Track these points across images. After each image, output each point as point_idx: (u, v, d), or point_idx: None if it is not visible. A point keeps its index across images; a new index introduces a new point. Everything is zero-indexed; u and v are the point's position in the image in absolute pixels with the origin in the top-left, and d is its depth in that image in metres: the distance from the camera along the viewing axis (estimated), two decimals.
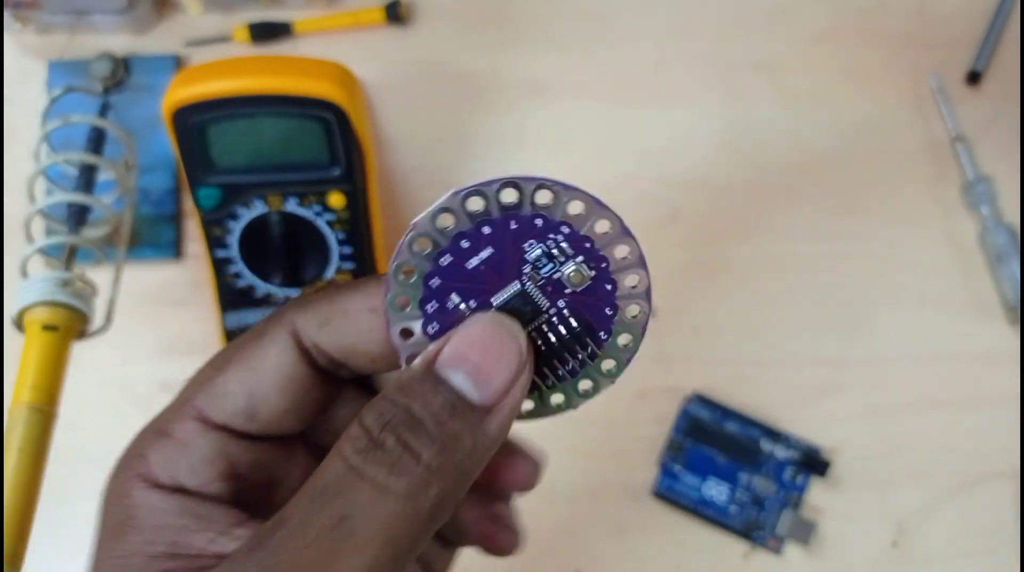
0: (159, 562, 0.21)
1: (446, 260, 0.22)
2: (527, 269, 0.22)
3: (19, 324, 0.40)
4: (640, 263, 0.22)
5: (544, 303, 0.22)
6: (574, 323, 0.22)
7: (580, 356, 0.22)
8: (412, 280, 0.22)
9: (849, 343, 0.49)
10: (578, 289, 0.22)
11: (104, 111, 0.46)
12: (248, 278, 0.46)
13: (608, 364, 0.22)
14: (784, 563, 0.46)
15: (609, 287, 0.22)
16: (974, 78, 0.52)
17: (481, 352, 0.20)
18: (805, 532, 0.46)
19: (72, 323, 0.40)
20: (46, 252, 0.42)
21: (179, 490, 0.21)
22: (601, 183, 0.53)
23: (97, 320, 0.42)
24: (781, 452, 0.47)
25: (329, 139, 0.43)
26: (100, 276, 0.43)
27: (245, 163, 0.44)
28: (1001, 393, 0.48)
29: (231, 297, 0.46)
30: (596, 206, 0.21)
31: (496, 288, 0.22)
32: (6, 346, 0.43)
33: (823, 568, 0.46)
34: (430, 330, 0.22)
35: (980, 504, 0.47)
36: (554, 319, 0.22)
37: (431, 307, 0.22)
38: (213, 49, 0.53)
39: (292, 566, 0.18)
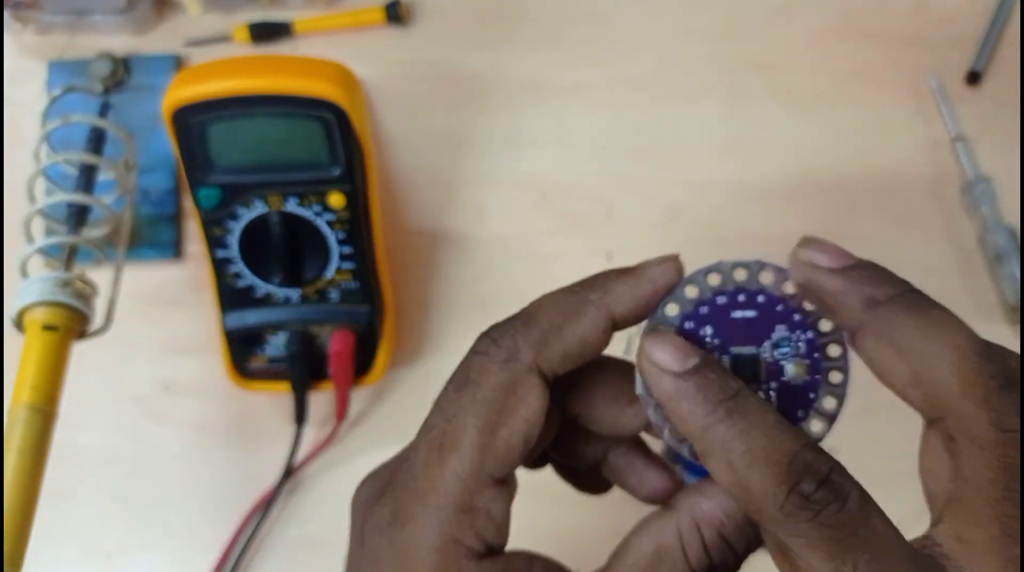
0: None
1: (716, 303, 0.25)
2: (767, 343, 0.25)
3: (19, 324, 0.40)
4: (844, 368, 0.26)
5: (763, 375, 0.25)
6: (774, 402, 0.25)
7: None
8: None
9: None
10: (792, 382, 0.25)
11: (104, 111, 0.46)
12: (248, 278, 0.46)
13: None
14: None
15: (818, 377, 0.26)
16: (974, 78, 0.52)
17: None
18: None
19: (72, 323, 0.40)
20: (46, 252, 0.42)
21: (487, 553, 0.24)
22: (601, 183, 0.53)
23: (97, 320, 0.42)
24: None
25: (329, 139, 0.43)
26: (100, 276, 0.43)
27: (245, 163, 0.44)
28: None
29: (231, 297, 0.46)
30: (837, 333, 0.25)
31: (739, 342, 0.25)
32: (6, 346, 0.44)
33: None
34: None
35: None
36: (761, 392, 0.25)
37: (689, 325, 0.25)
38: (213, 49, 0.53)
39: None
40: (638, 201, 0.51)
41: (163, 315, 0.50)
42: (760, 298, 0.25)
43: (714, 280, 0.25)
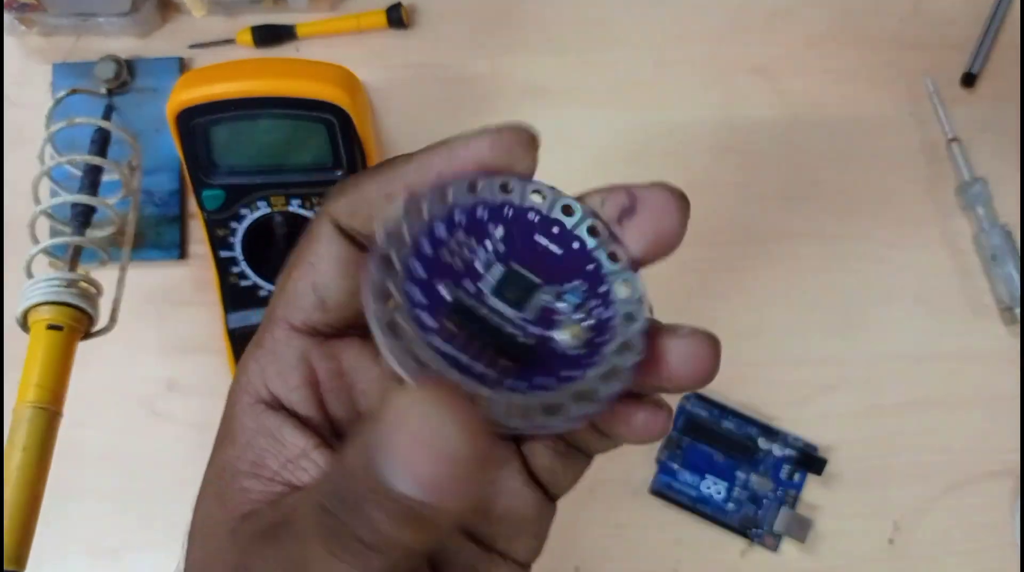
0: (241, 479, 0.22)
1: (525, 217, 0.21)
2: (553, 287, 0.21)
3: (24, 324, 0.40)
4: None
5: (531, 312, 0.21)
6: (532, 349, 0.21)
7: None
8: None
9: (845, 342, 0.49)
10: (557, 345, 0.21)
11: (108, 113, 0.46)
12: (252, 278, 0.46)
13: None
14: (781, 560, 0.47)
15: (589, 353, 0.21)
16: (969, 80, 0.52)
17: (428, 456, 0.17)
18: (802, 529, 0.46)
19: (77, 323, 0.40)
20: (51, 252, 0.43)
21: (272, 406, 0.23)
22: (601, 185, 0.54)
23: (102, 320, 0.42)
24: (778, 450, 0.47)
25: (332, 141, 0.43)
26: (105, 277, 0.43)
27: (249, 165, 0.44)
28: (996, 392, 0.48)
29: (235, 297, 0.46)
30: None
31: (524, 264, 0.21)
32: (12, 346, 0.44)
33: (820, 565, 0.47)
34: (414, 298, 0.20)
35: (974, 503, 0.47)
36: (516, 329, 0.21)
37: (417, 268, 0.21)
38: (217, 52, 0.53)
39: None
40: None
41: (167, 315, 0.50)
42: (575, 245, 0.22)
43: (536, 198, 0.21)
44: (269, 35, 0.53)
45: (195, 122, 0.42)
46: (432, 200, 0.21)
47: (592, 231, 0.22)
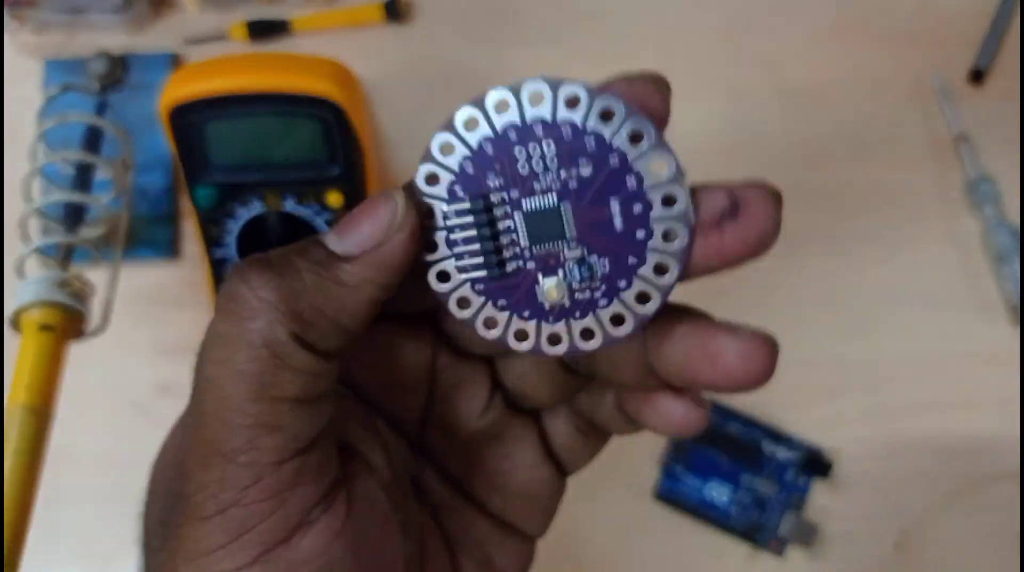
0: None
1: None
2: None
3: (16, 324, 0.40)
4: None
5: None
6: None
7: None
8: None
9: (851, 344, 0.49)
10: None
11: (101, 110, 0.45)
12: None
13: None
14: (786, 565, 0.46)
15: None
16: (977, 77, 0.52)
17: (354, 213, 0.20)
18: (808, 534, 0.45)
19: (69, 323, 0.40)
20: (42, 252, 0.42)
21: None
22: None
23: (94, 320, 0.41)
24: (783, 453, 0.46)
25: (327, 138, 0.43)
26: (97, 276, 0.42)
27: (243, 162, 0.43)
28: (1005, 394, 0.48)
29: None
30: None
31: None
32: (5, 347, 0.43)
33: (826, 570, 0.46)
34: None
35: (983, 506, 0.46)
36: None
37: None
38: (210, 47, 0.52)
39: None
40: None
41: (160, 315, 0.49)
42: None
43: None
44: (263, 30, 0.52)
45: (188, 119, 0.42)
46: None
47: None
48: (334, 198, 0.44)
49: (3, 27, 0.53)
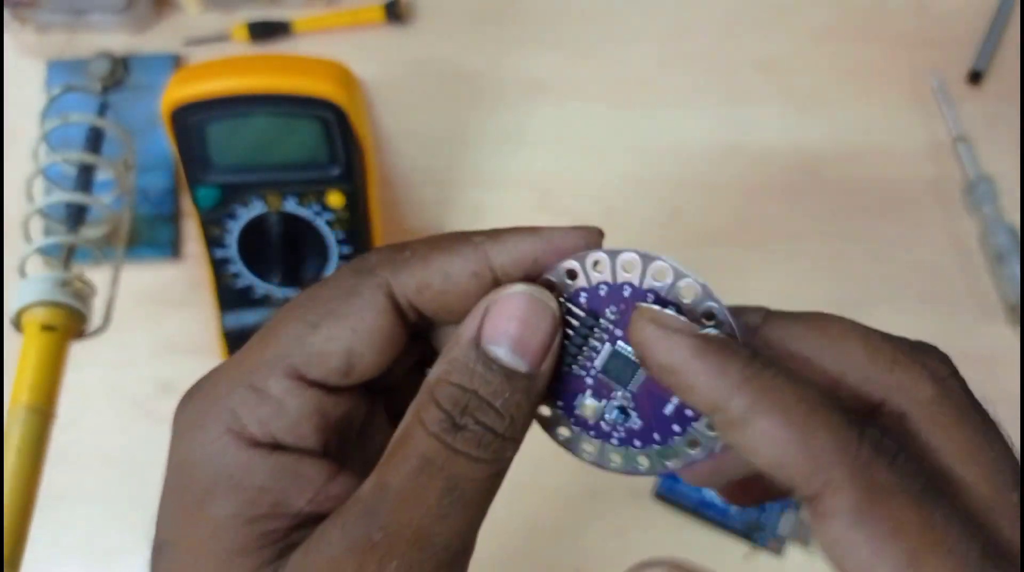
0: (260, 524, 0.21)
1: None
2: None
3: (18, 324, 0.40)
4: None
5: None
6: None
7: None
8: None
9: None
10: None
11: (103, 110, 0.46)
12: (247, 278, 0.45)
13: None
14: (785, 564, 0.46)
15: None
16: (975, 77, 0.52)
17: (519, 324, 0.21)
18: (806, 533, 0.45)
19: (70, 323, 0.40)
20: (45, 252, 0.42)
21: (276, 447, 0.22)
22: (601, 182, 0.53)
23: (95, 320, 0.42)
24: None
25: (328, 138, 0.43)
26: (98, 276, 0.42)
27: (244, 162, 0.43)
28: (1003, 393, 0.48)
29: (230, 297, 0.46)
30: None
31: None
32: (5, 346, 0.43)
33: (824, 569, 0.46)
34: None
35: None
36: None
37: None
38: (212, 48, 0.53)
39: (408, 527, 0.20)
40: (638, 200, 0.50)
41: (162, 315, 0.49)
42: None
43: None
44: (265, 31, 0.52)
45: (190, 119, 0.42)
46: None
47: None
48: (335, 198, 0.44)
49: (4, 28, 0.53)
